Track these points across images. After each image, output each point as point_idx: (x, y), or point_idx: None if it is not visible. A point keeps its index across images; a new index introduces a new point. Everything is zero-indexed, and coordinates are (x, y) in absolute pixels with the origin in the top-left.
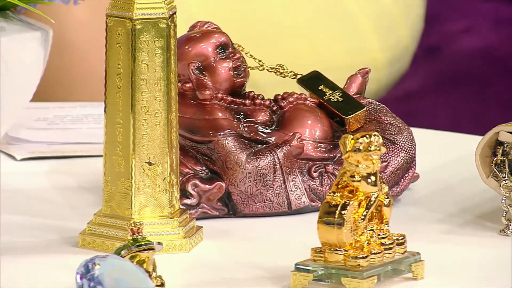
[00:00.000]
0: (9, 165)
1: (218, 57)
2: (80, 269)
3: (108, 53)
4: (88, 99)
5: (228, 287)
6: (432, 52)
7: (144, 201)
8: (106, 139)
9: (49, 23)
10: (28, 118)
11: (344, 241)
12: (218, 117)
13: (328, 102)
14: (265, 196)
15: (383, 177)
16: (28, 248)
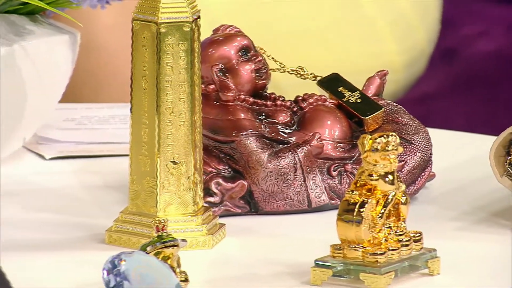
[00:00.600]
0: (38, 164)
1: (241, 59)
2: (107, 265)
3: (134, 56)
4: (115, 100)
5: (250, 283)
6: (448, 55)
7: (169, 199)
8: (132, 139)
9: (77, 27)
10: (57, 119)
11: (363, 238)
12: (240, 117)
13: (347, 103)
14: (286, 194)
15: (400, 176)
16: (57, 245)
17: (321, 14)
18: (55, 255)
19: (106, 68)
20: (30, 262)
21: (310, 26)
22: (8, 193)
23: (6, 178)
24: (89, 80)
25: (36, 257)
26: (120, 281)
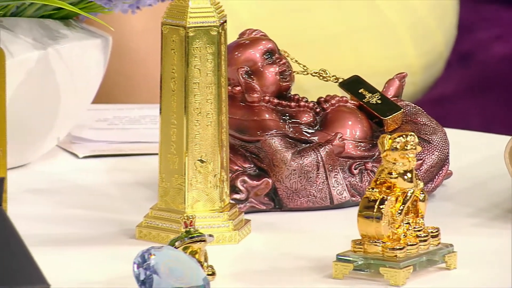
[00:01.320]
0: (71, 163)
1: (266, 62)
2: (137, 259)
3: (163, 59)
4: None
5: (274, 276)
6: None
7: (197, 196)
8: (161, 139)
9: (109, 31)
10: (90, 119)
11: (382, 234)
12: (265, 118)
13: (368, 104)
14: (309, 192)
15: (419, 174)
16: (89, 240)
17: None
18: (88, 249)
19: (137, 70)
20: (64, 256)
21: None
22: (43, 190)
23: (41, 176)
24: (120, 82)
25: (69, 252)
26: (150, 275)
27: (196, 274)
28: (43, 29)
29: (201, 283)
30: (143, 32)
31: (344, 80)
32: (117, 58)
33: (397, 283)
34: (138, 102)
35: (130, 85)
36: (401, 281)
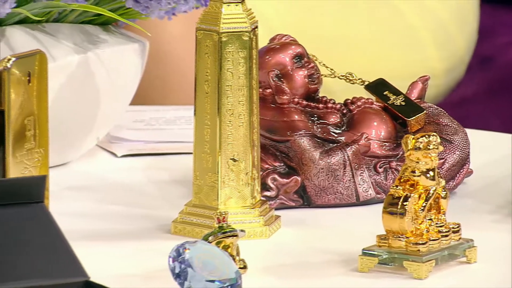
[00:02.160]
0: (110, 161)
1: (295, 66)
2: (172, 253)
3: (197, 62)
4: (180, 103)
5: (302, 270)
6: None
7: (229, 193)
8: (195, 138)
9: (146, 36)
10: (127, 120)
11: (406, 229)
12: (294, 119)
13: (392, 106)
14: (336, 189)
15: (441, 173)
16: (127, 235)
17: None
18: (126, 244)
19: (173, 73)
20: (102, 250)
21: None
22: (83, 188)
23: (81, 174)
24: (157, 85)
25: (108, 246)
26: (184, 268)
27: (228, 267)
28: (84, 34)
29: (233, 276)
30: (178, 37)
31: (370, 83)
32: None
33: (420, 276)
34: (174, 103)
35: (166, 87)
36: (423, 274)
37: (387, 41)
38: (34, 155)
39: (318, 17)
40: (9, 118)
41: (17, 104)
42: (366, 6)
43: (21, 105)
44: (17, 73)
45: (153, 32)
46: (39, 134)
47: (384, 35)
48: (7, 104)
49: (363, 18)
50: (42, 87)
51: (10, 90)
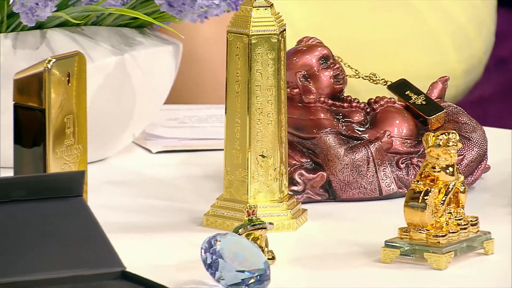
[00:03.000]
0: (146, 157)
1: (321, 67)
2: (204, 244)
3: (228, 64)
4: (212, 102)
5: (328, 261)
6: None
7: (258, 187)
8: (226, 136)
9: (179, 39)
10: (162, 118)
11: (426, 222)
12: (320, 117)
13: (413, 105)
14: (360, 184)
15: (459, 168)
16: (161, 227)
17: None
18: (160, 236)
19: (205, 74)
20: (138, 242)
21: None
22: (120, 182)
23: (118, 169)
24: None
25: (143, 238)
26: (216, 259)
27: (257, 258)
28: (121, 36)
29: (262, 267)
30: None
31: (392, 83)
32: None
33: (440, 267)
34: (206, 102)
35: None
36: (443, 265)
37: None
38: (73, 151)
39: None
40: (50, 116)
41: (57, 103)
42: (389, 12)
43: (61, 104)
44: (57, 74)
45: (186, 34)
46: (78, 132)
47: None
48: (48, 103)
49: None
50: (81, 87)
51: (50, 90)
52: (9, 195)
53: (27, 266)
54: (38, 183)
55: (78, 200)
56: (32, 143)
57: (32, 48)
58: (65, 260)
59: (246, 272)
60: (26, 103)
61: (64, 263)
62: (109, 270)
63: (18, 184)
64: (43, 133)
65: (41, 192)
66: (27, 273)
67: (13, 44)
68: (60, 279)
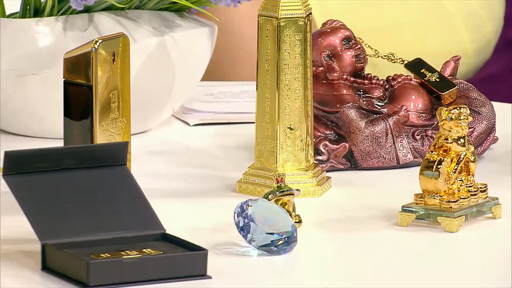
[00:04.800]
0: (184, 129)
1: (344, 47)
2: (237, 209)
3: (259, 44)
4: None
5: (350, 224)
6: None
7: (286, 157)
8: (257, 110)
9: (215, 21)
10: (199, 94)
11: (440, 189)
12: (343, 93)
13: (428, 82)
14: (379, 154)
15: (470, 140)
16: (198, 193)
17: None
18: (197, 201)
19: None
20: (177, 206)
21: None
22: (160, 152)
23: (158, 140)
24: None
25: (181, 203)
26: (247, 222)
27: (285, 221)
28: (161, 19)
29: (290, 229)
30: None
31: (409, 62)
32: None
33: (452, 230)
34: (239, 79)
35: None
36: (455, 228)
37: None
38: (118, 124)
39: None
40: (96, 92)
41: (103, 80)
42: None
43: (107, 81)
44: (103, 53)
45: (221, 17)
46: (122, 106)
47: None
48: (95, 80)
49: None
50: (125, 65)
51: (97, 68)
52: (60, 164)
53: (76, 229)
54: (86, 153)
55: (122, 168)
56: (80, 116)
57: (80, 30)
58: (110, 223)
59: (275, 234)
60: (75, 80)
61: (109, 226)
62: (151, 232)
63: (68, 154)
64: (91, 107)
65: (89, 161)
66: (76, 235)
67: (63, 26)
68: (106, 240)
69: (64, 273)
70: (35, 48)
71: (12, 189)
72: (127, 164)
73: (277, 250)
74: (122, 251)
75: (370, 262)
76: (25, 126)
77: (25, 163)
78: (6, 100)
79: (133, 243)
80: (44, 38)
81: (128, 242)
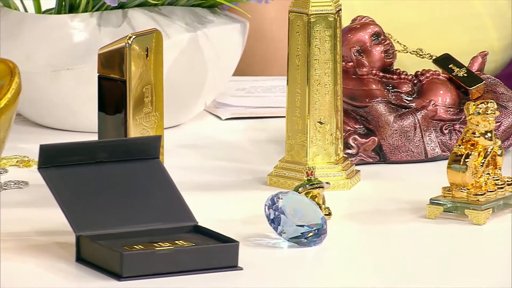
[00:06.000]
0: (216, 123)
1: (373, 43)
2: (268, 201)
3: (290, 40)
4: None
5: (378, 216)
6: None
7: (316, 151)
8: (288, 104)
9: (246, 18)
10: (231, 88)
11: (467, 182)
12: (372, 88)
13: (456, 77)
14: (408, 148)
15: (497, 134)
16: (229, 186)
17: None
18: (228, 194)
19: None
20: (209, 199)
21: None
22: (193, 146)
23: (191, 134)
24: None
25: (213, 195)
26: (278, 215)
27: (315, 214)
28: (194, 15)
29: (319, 222)
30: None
31: (437, 57)
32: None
33: (479, 222)
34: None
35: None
36: (482, 221)
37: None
38: (151, 118)
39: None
40: (130, 87)
41: (136, 75)
42: None
43: (140, 76)
44: (137, 49)
45: (253, 14)
46: (155, 100)
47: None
48: (128, 75)
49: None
50: (158, 61)
51: (131, 63)
52: (94, 157)
53: (110, 221)
54: (120, 146)
55: (155, 161)
56: (114, 110)
57: (114, 26)
58: (143, 215)
59: (305, 226)
60: (109, 74)
61: (142, 218)
62: (183, 224)
63: (102, 147)
64: (124, 102)
65: (123, 155)
66: (109, 227)
67: (97, 22)
68: (139, 232)
69: (98, 264)
70: (70, 44)
71: (47, 181)
72: (160, 158)
73: (307, 242)
74: (155, 243)
75: (398, 254)
76: (59, 120)
77: (60, 156)
78: (41, 94)
79: (166, 235)
80: (79, 33)
81: (161, 234)
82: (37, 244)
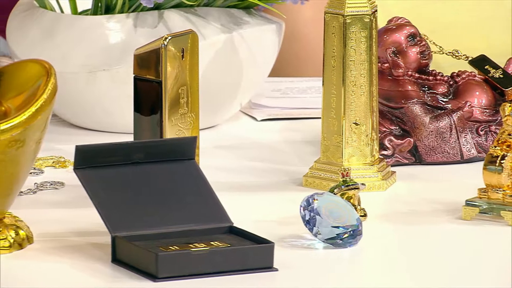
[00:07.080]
0: (251, 124)
1: (409, 44)
2: (303, 202)
3: (325, 41)
4: (311, 75)
5: (414, 217)
6: None
7: (352, 152)
8: (323, 105)
9: (282, 18)
10: (266, 89)
11: (503, 183)
12: (408, 89)
13: (492, 78)
14: (443, 149)
15: None
16: (265, 186)
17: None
18: (264, 194)
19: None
20: (244, 199)
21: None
22: (228, 146)
23: (227, 135)
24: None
25: (249, 196)
26: (313, 216)
27: (351, 215)
28: (229, 16)
29: (355, 223)
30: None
31: (473, 58)
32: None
33: None
34: (305, 75)
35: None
36: None
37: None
38: (187, 119)
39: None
40: (166, 87)
41: (172, 76)
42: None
43: (176, 77)
44: (172, 50)
45: (288, 15)
46: (191, 101)
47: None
48: (164, 76)
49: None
50: (194, 62)
51: (166, 64)
52: (130, 158)
53: (145, 222)
54: (156, 147)
55: (191, 162)
56: (150, 111)
57: (150, 27)
58: (179, 216)
59: (340, 227)
60: (145, 75)
61: (178, 218)
62: (219, 225)
63: (138, 148)
64: (160, 103)
65: (158, 155)
66: (145, 227)
67: (134, 23)
68: (174, 233)
69: (134, 265)
70: (106, 45)
71: (83, 182)
72: (195, 159)
73: (343, 243)
74: (190, 244)
75: (433, 255)
76: (95, 121)
77: (96, 157)
78: (77, 95)
79: (201, 236)
80: (115, 34)
81: (196, 235)
82: (72, 244)
